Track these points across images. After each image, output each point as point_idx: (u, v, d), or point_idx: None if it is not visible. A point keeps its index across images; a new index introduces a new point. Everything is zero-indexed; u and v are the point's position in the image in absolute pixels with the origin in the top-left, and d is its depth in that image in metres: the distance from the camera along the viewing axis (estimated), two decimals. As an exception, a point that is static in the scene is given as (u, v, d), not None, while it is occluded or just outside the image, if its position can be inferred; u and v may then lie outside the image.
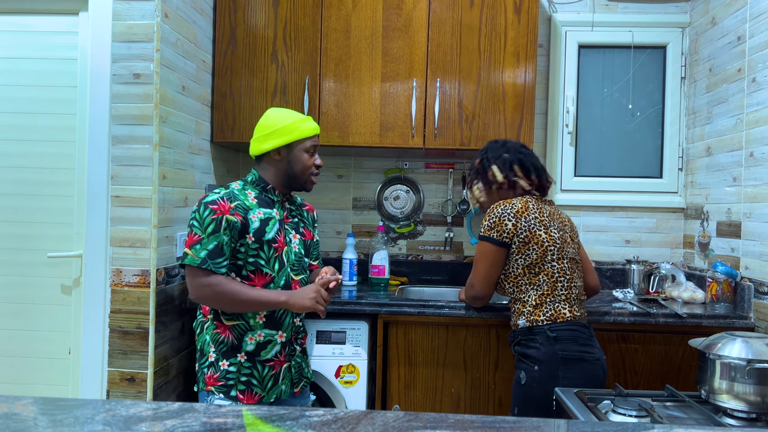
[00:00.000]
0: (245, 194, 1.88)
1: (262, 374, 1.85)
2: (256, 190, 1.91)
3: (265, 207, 1.88)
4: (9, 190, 2.34)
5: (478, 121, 2.65)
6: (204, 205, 1.80)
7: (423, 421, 1.04)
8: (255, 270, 1.84)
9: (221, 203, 1.79)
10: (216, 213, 1.78)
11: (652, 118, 3.01)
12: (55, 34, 2.32)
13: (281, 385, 1.88)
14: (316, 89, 2.66)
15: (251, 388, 1.83)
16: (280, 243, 1.87)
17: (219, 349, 1.85)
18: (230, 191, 1.85)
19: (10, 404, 1.06)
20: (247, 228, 1.81)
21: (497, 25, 2.64)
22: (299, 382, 1.96)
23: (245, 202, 1.84)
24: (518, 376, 1.90)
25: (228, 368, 1.83)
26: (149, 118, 2.13)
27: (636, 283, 2.74)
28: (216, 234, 1.77)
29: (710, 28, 2.73)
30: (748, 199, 2.37)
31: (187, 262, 1.78)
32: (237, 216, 1.80)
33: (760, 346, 1.44)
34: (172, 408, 1.09)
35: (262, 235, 1.83)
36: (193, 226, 1.79)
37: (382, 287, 2.75)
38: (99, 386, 2.13)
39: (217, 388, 1.83)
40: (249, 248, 1.83)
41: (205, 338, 1.88)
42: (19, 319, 2.33)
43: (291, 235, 1.93)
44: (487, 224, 1.96)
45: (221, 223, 1.77)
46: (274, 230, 1.87)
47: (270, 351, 1.86)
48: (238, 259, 1.84)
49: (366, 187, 3.09)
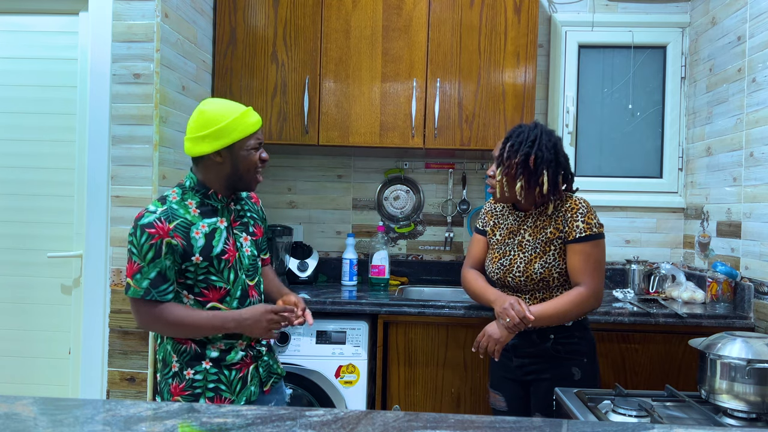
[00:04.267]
0: (185, 206, 1.71)
1: (230, 378, 1.75)
2: (197, 197, 1.73)
3: (208, 217, 1.73)
4: (9, 190, 2.34)
5: (478, 121, 2.65)
6: (140, 228, 1.63)
7: (423, 421, 1.04)
8: (207, 287, 1.72)
9: (159, 225, 1.63)
10: (154, 237, 1.62)
11: (652, 118, 3.01)
12: (55, 34, 2.32)
13: (250, 386, 1.78)
14: (316, 89, 2.66)
15: (220, 394, 1.74)
16: (230, 252, 1.74)
17: (182, 358, 1.74)
18: (167, 207, 1.68)
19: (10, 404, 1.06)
20: (192, 249, 1.67)
21: (497, 25, 2.64)
22: (268, 380, 1.86)
23: (186, 218, 1.69)
24: (568, 373, 1.86)
25: (194, 377, 1.73)
26: (149, 118, 2.13)
27: (636, 283, 2.74)
28: (157, 260, 1.63)
29: (710, 28, 2.73)
30: (748, 199, 2.37)
31: (129, 294, 1.66)
32: (177, 238, 1.65)
33: (760, 346, 1.44)
34: (172, 408, 1.09)
35: (209, 252, 1.69)
36: (132, 253, 1.65)
37: (382, 287, 2.75)
38: (99, 386, 2.13)
39: (183, 398, 1.73)
40: (198, 267, 1.69)
41: (167, 348, 1.77)
42: (19, 319, 2.33)
43: (242, 238, 1.80)
44: (597, 221, 1.86)
45: (161, 248, 1.62)
46: (222, 242, 1.73)
47: (235, 356, 1.76)
48: (187, 278, 1.71)
49: (366, 187, 3.09)
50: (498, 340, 1.83)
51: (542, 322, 1.83)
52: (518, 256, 1.92)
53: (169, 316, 1.65)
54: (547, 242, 1.89)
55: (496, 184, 1.91)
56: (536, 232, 1.91)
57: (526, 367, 1.92)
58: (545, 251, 1.88)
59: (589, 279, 1.83)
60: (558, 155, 1.87)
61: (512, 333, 1.83)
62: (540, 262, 1.88)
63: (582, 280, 1.84)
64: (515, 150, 1.85)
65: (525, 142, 1.85)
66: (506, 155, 1.87)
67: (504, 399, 1.98)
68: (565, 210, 1.88)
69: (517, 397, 1.96)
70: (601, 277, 1.86)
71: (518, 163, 1.84)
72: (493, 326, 1.86)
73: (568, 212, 1.88)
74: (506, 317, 1.81)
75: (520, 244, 1.93)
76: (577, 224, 1.85)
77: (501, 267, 1.95)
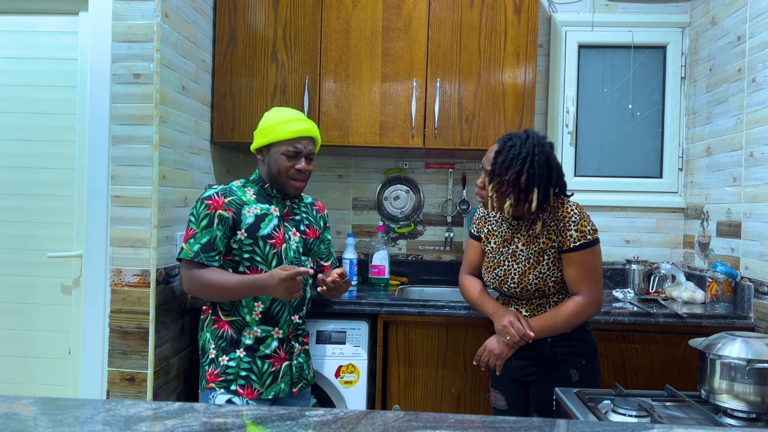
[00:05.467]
0: (244, 191, 1.92)
1: (262, 370, 1.86)
2: (256, 187, 1.95)
3: (263, 203, 1.91)
4: (9, 190, 2.34)
5: (478, 121, 2.65)
6: (201, 200, 1.86)
7: (423, 421, 1.04)
8: (251, 266, 1.86)
9: (216, 198, 1.85)
10: (210, 208, 1.84)
11: (652, 118, 3.01)
12: (55, 34, 2.32)
13: (280, 383, 1.89)
14: (316, 89, 2.66)
15: (250, 383, 1.85)
16: (278, 239, 1.88)
17: (218, 345, 1.87)
18: (228, 187, 1.91)
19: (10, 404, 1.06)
20: (239, 224, 1.85)
21: (497, 25, 2.64)
22: (299, 382, 1.96)
23: (242, 198, 1.89)
24: (566, 375, 1.86)
25: (228, 363, 1.85)
26: (149, 118, 2.13)
27: (636, 283, 2.74)
28: (209, 228, 1.83)
29: (710, 28, 2.73)
30: (748, 199, 2.37)
31: (181, 256, 1.85)
32: (229, 212, 1.85)
33: (760, 346, 1.44)
34: (172, 408, 1.09)
35: (255, 231, 1.85)
36: (190, 221, 1.86)
37: (382, 287, 2.75)
38: (99, 386, 2.13)
39: (217, 384, 1.85)
40: (242, 244, 1.85)
41: (206, 336, 1.90)
42: (19, 319, 2.33)
43: (291, 232, 1.93)
44: (590, 227, 1.83)
45: (214, 218, 1.83)
46: (271, 226, 1.88)
47: (269, 346, 1.87)
48: (234, 255, 1.87)
49: (366, 187, 3.09)
50: (498, 355, 1.84)
51: (543, 335, 1.83)
52: (512, 267, 1.90)
53: (207, 279, 1.82)
54: (540, 252, 1.86)
55: (485, 195, 1.87)
56: (530, 242, 1.88)
57: (525, 369, 1.92)
58: (539, 261, 1.86)
59: (587, 288, 1.82)
60: (551, 171, 1.79)
61: (513, 349, 1.83)
62: (534, 273, 1.86)
63: (580, 290, 1.83)
64: (506, 167, 1.78)
65: (516, 158, 1.77)
66: (497, 171, 1.79)
67: (504, 398, 1.98)
68: (558, 219, 1.84)
69: (518, 396, 1.96)
70: (598, 283, 1.85)
71: (509, 181, 1.77)
72: (493, 341, 1.86)
73: (560, 221, 1.84)
74: (506, 335, 1.81)
75: (514, 254, 1.90)
76: (570, 233, 1.81)
77: (496, 277, 1.94)
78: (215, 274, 1.83)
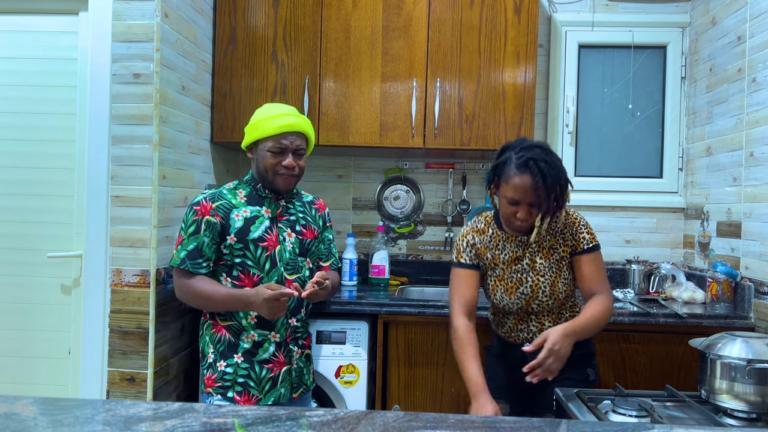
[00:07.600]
0: (235, 193, 1.90)
1: (260, 376, 1.83)
2: (248, 188, 1.93)
3: (253, 205, 1.88)
4: (9, 190, 2.34)
5: (478, 121, 2.65)
6: (191, 206, 1.86)
7: (423, 421, 1.04)
8: (243, 271, 1.84)
9: (204, 204, 1.84)
10: (197, 214, 1.83)
11: (652, 118, 3.01)
12: (55, 34, 2.32)
13: (280, 387, 1.86)
14: (316, 89, 2.66)
15: (248, 390, 1.82)
16: (270, 242, 1.85)
17: (217, 349, 1.86)
18: (218, 191, 1.89)
19: (10, 404, 1.06)
20: (228, 229, 1.83)
21: (497, 25, 2.64)
22: (299, 387, 1.93)
23: (231, 202, 1.86)
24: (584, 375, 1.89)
25: (225, 369, 1.83)
26: (149, 118, 2.13)
27: (636, 283, 2.74)
28: (196, 235, 1.82)
29: (710, 28, 2.73)
30: (748, 199, 2.37)
31: (170, 264, 1.87)
32: (217, 217, 1.83)
33: (760, 346, 1.44)
34: (172, 408, 1.09)
35: (245, 235, 1.82)
36: (180, 228, 1.87)
37: (382, 287, 2.75)
38: (99, 386, 2.13)
39: (214, 389, 1.83)
40: (233, 249, 1.83)
41: (205, 339, 1.89)
42: (19, 319, 2.33)
43: (285, 233, 1.90)
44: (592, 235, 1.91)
45: (201, 225, 1.82)
46: (262, 228, 1.85)
47: (267, 350, 1.85)
48: (225, 260, 1.85)
49: (366, 187, 3.09)
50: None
51: (584, 335, 1.77)
52: (539, 282, 1.87)
53: (196, 288, 1.82)
54: (560, 260, 1.89)
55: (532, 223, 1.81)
56: (548, 254, 1.87)
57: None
58: (560, 268, 1.88)
59: (603, 287, 1.88)
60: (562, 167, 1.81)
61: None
62: (562, 281, 1.88)
63: (599, 289, 1.87)
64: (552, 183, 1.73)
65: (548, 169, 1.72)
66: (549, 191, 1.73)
67: (509, 407, 1.96)
68: (569, 224, 1.90)
69: (522, 405, 1.93)
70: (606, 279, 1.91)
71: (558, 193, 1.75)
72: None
73: (572, 226, 1.90)
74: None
75: (534, 269, 1.87)
76: (583, 236, 1.88)
77: (522, 296, 1.89)
78: (205, 284, 1.81)
